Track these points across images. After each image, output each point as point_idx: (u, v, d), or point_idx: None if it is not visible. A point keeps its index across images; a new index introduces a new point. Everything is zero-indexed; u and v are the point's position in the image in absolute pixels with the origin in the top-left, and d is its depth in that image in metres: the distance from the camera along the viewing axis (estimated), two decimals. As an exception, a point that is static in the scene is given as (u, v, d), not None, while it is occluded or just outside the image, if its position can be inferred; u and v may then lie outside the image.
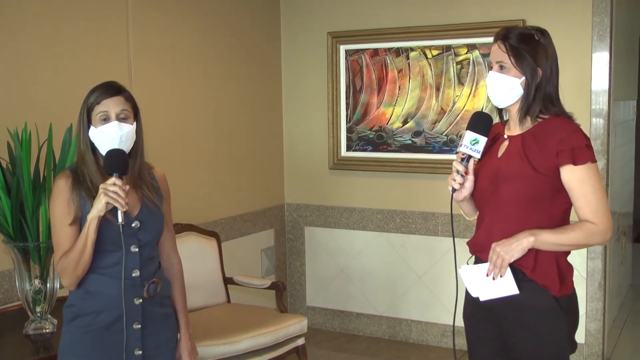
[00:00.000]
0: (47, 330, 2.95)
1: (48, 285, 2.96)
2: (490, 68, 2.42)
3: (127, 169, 2.35)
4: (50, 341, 2.89)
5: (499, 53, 2.37)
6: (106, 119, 2.34)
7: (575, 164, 2.27)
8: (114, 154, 2.31)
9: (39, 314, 2.96)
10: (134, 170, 2.43)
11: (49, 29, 3.58)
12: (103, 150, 2.35)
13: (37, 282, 2.94)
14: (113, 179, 2.28)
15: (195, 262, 4.16)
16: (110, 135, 2.32)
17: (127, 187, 2.32)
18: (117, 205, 2.27)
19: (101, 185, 2.28)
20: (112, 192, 2.25)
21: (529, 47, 2.34)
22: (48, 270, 2.96)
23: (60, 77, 3.62)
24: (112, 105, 2.34)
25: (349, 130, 5.16)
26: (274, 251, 5.40)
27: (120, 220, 2.29)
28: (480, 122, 2.41)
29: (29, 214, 2.90)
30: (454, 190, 2.44)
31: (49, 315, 2.98)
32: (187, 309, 2.68)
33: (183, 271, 2.68)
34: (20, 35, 3.44)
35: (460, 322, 2.57)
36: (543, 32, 2.39)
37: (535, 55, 2.34)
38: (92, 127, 2.35)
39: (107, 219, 2.30)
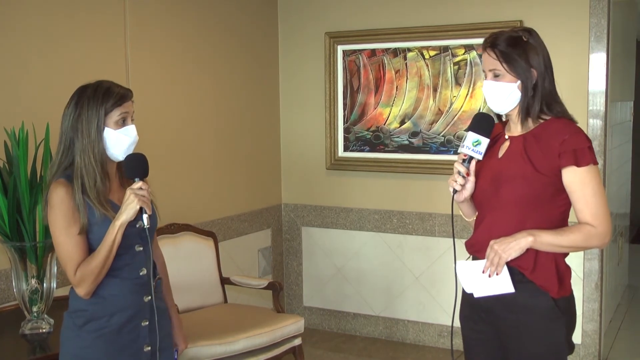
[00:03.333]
0: (44, 330, 2.94)
1: (45, 285, 2.96)
2: (485, 77, 2.41)
3: (147, 172, 2.37)
4: (46, 341, 2.89)
5: (490, 61, 2.36)
6: (124, 122, 2.35)
7: (577, 165, 2.26)
8: (136, 158, 2.34)
9: (35, 314, 2.95)
10: None
11: (46, 27, 3.57)
12: (118, 152, 2.35)
13: (33, 281, 2.93)
14: (140, 183, 2.30)
15: (192, 262, 4.16)
16: (131, 137, 2.36)
17: (150, 189, 2.34)
18: (147, 208, 2.30)
19: (128, 190, 2.29)
20: (141, 196, 2.28)
21: (519, 50, 2.32)
22: (45, 270, 2.95)
23: (58, 77, 3.61)
24: (129, 107, 2.38)
25: (346, 131, 5.16)
26: (271, 251, 5.40)
27: (146, 223, 2.32)
28: (482, 123, 2.40)
29: (26, 214, 2.90)
30: (455, 191, 2.43)
31: (45, 315, 2.97)
32: (184, 308, 2.70)
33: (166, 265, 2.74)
34: (16, 34, 3.43)
35: (457, 323, 2.57)
36: (530, 32, 2.38)
37: (527, 57, 2.33)
38: (107, 129, 2.32)
39: None
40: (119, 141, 2.33)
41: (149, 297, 2.42)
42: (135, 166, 2.33)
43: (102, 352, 2.36)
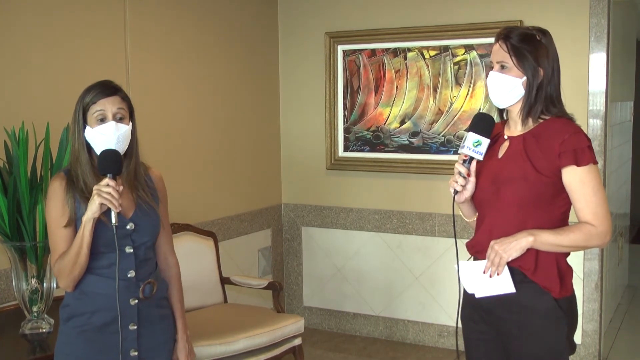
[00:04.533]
0: (44, 330, 2.94)
1: (45, 285, 2.96)
2: (491, 68, 2.41)
3: (121, 170, 2.34)
4: (46, 341, 2.89)
5: (500, 53, 2.37)
6: (103, 119, 2.32)
7: (577, 165, 2.27)
8: (108, 154, 2.30)
9: (35, 314, 2.95)
10: (130, 171, 2.41)
11: (46, 27, 3.57)
12: (99, 150, 2.33)
13: (33, 281, 2.93)
14: (106, 180, 2.26)
15: (192, 262, 4.15)
16: (107, 135, 2.31)
17: (121, 187, 2.31)
18: (110, 206, 2.25)
19: (95, 187, 2.26)
20: (105, 193, 2.24)
21: (530, 47, 2.34)
22: (45, 270, 2.95)
23: (58, 76, 3.62)
24: (109, 105, 2.32)
25: (347, 131, 5.16)
26: (271, 251, 5.40)
27: (114, 221, 2.27)
28: (482, 123, 2.40)
29: (26, 214, 2.89)
30: (455, 192, 2.43)
31: (45, 315, 2.97)
32: (185, 309, 2.67)
33: (180, 272, 2.67)
34: (17, 34, 3.43)
35: (459, 323, 2.57)
36: (544, 33, 2.39)
37: (537, 55, 2.34)
38: (88, 127, 2.33)
39: (101, 221, 2.28)
40: (96, 139, 2.32)
41: (136, 301, 2.39)
42: (107, 163, 2.29)
43: (82, 349, 2.35)
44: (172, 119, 4.39)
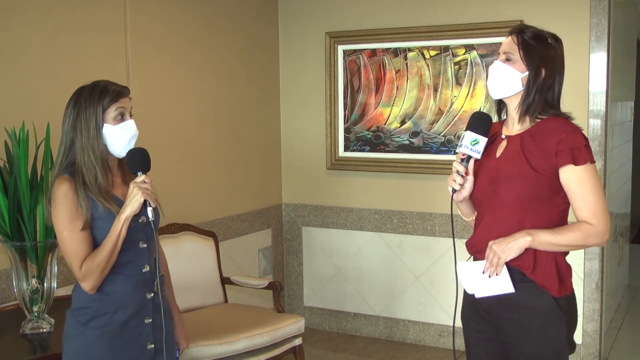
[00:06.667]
0: (44, 330, 2.94)
1: (45, 284, 2.96)
2: (497, 59, 2.43)
3: (150, 166, 2.40)
4: (47, 341, 2.89)
5: (510, 45, 2.40)
6: (122, 117, 2.38)
7: (575, 164, 2.27)
8: (137, 152, 2.37)
9: (36, 314, 2.95)
10: None
11: (46, 26, 3.57)
12: (119, 147, 2.37)
13: (34, 281, 2.93)
14: (143, 177, 2.33)
15: (192, 262, 4.16)
16: (131, 131, 2.38)
17: (153, 183, 2.37)
18: (151, 201, 2.32)
19: (132, 184, 2.32)
20: (144, 188, 2.31)
21: (539, 46, 2.36)
22: (45, 270, 2.95)
23: (58, 76, 3.62)
24: (127, 103, 2.41)
25: (347, 131, 5.16)
26: (272, 251, 5.40)
27: (150, 216, 2.34)
28: (480, 122, 2.41)
29: (27, 214, 2.90)
30: (454, 191, 2.43)
31: (46, 315, 2.97)
32: (184, 308, 2.70)
33: (167, 263, 2.74)
34: (16, 33, 3.43)
35: (458, 322, 2.57)
36: (557, 39, 2.43)
37: (544, 55, 2.36)
38: (107, 125, 2.35)
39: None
40: (119, 136, 2.36)
41: (152, 294, 2.44)
42: (138, 160, 2.36)
43: (106, 348, 2.37)
44: (172, 118, 4.39)
